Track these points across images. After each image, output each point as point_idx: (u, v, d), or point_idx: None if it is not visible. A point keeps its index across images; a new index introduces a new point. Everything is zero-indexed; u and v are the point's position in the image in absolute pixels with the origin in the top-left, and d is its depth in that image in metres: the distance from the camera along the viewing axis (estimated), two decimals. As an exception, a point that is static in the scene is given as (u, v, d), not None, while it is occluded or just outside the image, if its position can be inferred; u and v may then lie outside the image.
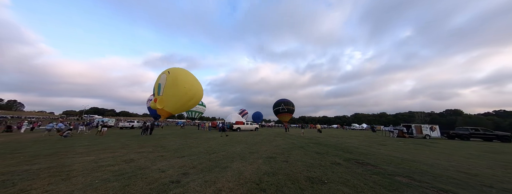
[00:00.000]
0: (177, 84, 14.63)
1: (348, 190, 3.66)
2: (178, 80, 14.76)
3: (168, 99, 14.36)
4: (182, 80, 14.99)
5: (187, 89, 14.91)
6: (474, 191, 3.92)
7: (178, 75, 15.02)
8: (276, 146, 10.16)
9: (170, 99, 14.46)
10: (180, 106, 15.65)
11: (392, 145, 12.08)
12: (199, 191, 3.51)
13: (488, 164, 6.89)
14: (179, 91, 14.72)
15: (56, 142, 11.07)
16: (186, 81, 15.15)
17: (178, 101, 14.95)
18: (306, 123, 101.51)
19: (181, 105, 15.54)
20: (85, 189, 3.54)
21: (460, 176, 5.02)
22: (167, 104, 14.36)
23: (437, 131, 21.92)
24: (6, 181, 3.94)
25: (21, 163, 5.53)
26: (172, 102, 14.67)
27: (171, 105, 14.66)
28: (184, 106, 16.24)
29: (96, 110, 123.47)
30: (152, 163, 5.71)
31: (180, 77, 14.98)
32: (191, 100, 16.09)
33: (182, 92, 14.77)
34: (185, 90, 14.81)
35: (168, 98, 14.40)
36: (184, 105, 15.85)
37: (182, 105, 15.70)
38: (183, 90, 14.74)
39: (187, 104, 16.20)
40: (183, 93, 14.89)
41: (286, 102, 47.54)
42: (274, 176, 4.51)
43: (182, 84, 14.75)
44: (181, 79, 14.93)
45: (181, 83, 14.74)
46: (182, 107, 16.01)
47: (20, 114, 79.23)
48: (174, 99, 14.67)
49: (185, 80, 15.25)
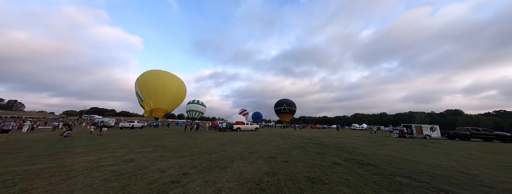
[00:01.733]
0: (149, 82, 14.97)
1: (348, 190, 3.65)
2: (147, 79, 15.15)
3: (152, 99, 14.67)
4: (151, 76, 15.35)
5: (161, 80, 15.30)
6: (475, 191, 3.92)
7: (146, 76, 15.54)
8: (276, 146, 10.15)
9: (153, 98, 14.79)
10: (169, 99, 15.87)
11: (392, 145, 12.07)
12: (199, 191, 3.51)
13: (488, 164, 6.88)
14: (155, 87, 15.08)
15: (56, 142, 11.07)
16: (154, 76, 15.48)
17: (162, 95, 15.21)
18: (306, 123, 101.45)
19: (170, 97, 15.79)
20: (85, 189, 3.54)
21: (461, 176, 5.01)
22: (155, 102, 14.62)
23: (437, 131, 21.89)
24: (7, 181, 3.94)
25: (21, 163, 5.53)
26: (157, 99, 14.97)
27: (159, 101, 14.92)
28: (174, 98, 16.47)
29: (96, 110, 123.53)
30: (152, 163, 5.71)
31: (149, 77, 15.41)
32: (175, 90, 16.36)
33: (158, 85, 15.08)
34: (159, 82, 15.17)
35: (151, 97, 14.72)
36: (173, 96, 16.14)
37: (171, 97, 15.97)
38: (156, 82, 15.11)
39: (177, 95, 16.41)
40: (161, 86, 15.20)
41: (288, 102, 46.75)
42: (274, 176, 4.51)
43: (152, 79, 15.11)
44: (150, 77, 15.29)
45: (152, 80, 15.08)
46: (172, 99, 16.24)
47: (20, 114, 79.27)
48: (156, 96, 15.00)
49: (153, 75, 15.58)
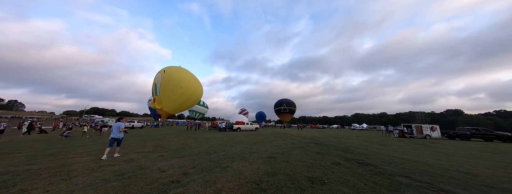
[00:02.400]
0: (173, 85, 14.23)
1: (348, 190, 3.65)
2: (174, 80, 14.33)
3: (165, 99, 14.10)
4: (178, 80, 14.52)
5: (184, 89, 14.55)
6: (475, 191, 3.92)
7: (173, 75, 14.59)
8: (276, 146, 10.14)
9: (167, 99, 14.18)
10: (178, 106, 15.33)
11: (393, 145, 12.06)
12: (199, 191, 3.51)
13: (488, 164, 6.88)
14: (175, 91, 14.33)
15: (56, 142, 11.07)
16: (182, 81, 14.70)
17: (176, 101, 14.58)
18: (306, 122, 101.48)
19: (179, 105, 15.21)
20: (86, 189, 3.54)
21: (461, 176, 5.01)
22: (166, 104, 14.14)
23: (437, 131, 21.89)
24: (7, 181, 3.94)
25: (21, 163, 5.53)
26: (170, 102, 14.36)
27: (169, 105, 14.39)
28: (182, 106, 15.88)
29: (96, 110, 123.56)
30: (152, 163, 5.71)
31: (176, 77, 14.55)
32: (189, 100, 15.64)
33: (179, 92, 14.38)
34: (181, 91, 14.44)
35: (166, 98, 14.12)
36: (182, 105, 15.45)
37: (181, 105, 15.36)
38: (180, 90, 14.38)
39: (185, 104, 15.82)
40: (180, 94, 14.47)
41: (288, 102, 46.48)
42: (274, 176, 4.51)
43: (179, 84, 14.37)
44: (176, 79, 14.49)
45: (177, 83, 14.34)
46: (180, 106, 15.66)
47: (20, 114, 79.31)
48: (171, 99, 14.32)
49: (181, 80, 14.74)
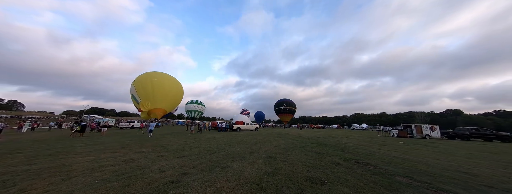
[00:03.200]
0: (146, 83, 14.83)
1: (348, 190, 3.66)
2: (146, 80, 15.02)
3: (148, 100, 14.46)
4: (148, 77, 15.25)
5: (158, 80, 15.21)
6: (475, 191, 3.92)
7: (141, 78, 15.47)
8: (276, 146, 10.15)
9: (149, 98, 14.59)
10: (168, 99, 15.67)
11: (392, 145, 12.07)
12: (199, 191, 3.51)
13: (488, 164, 6.88)
14: (154, 87, 14.89)
15: (56, 142, 11.08)
16: (152, 77, 15.41)
17: (157, 94, 14.98)
18: (306, 122, 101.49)
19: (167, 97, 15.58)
20: (85, 189, 3.55)
21: (461, 176, 5.02)
22: (152, 103, 14.39)
23: (437, 131, 21.89)
24: (7, 181, 3.94)
25: (21, 163, 5.54)
26: (156, 99, 14.79)
27: (158, 101, 14.72)
28: (172, 98, 16.26)
29: (96, 110, 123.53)
30: (152, 163, 5.71)
31: (147, 78, 15.34)
32: (172, 90, 16.23)
33: (155, 85, 14.92)
34: (156, 82, 15.01)
35: (147, 98, 14.52)
36: (171, 97, 15.95)
37: (169, 97, 15.79)
38: (155, 83, 14.95)
39: (170, 94, 16.16)
40: (158, 86, 15.03)
41: (288, 102, 46.34)
42: (274, 176, 4.51)
43: (150, 80, 15.03)
44: (146, 79, 15.16)
45: (149, 81, 14.94)
46: (170, 99, 16.03)
47: (20, 114, 79.20)
48: (152, 95, 14.80)
49: (150, 76, 15.50)
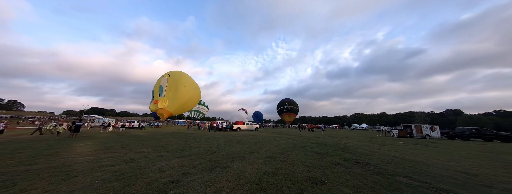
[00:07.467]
0: (177, 85, 15.60)
1: (348, 190, 3.65)
2: (178, 81, 15.76)
3: (169, 100, 15.17)
4: (182, 81, 16.14)
5: (187, 88, 16.05)
6: (474, 191, 3.92)
7: (178, 77, 16.27)
8: (276, 146, 10.15)
9: (171, 99, 15.33)
10: (180, 106, 16.40)
11: (392, 145, 12.07)
12: (199, 191, 3.51)
13: (488, 164, 6.88)
14: (179, 91, 15.74)
15: (56, 142, 11.08)
16: (185, 82, 16.30)
17: (179, 100, 15.84)
18: (306, 122, 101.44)
19: (181, 104, 16.37)
20: (85, 189, 3.54)
21: (460, 176, 5.02)
22: (169, 104, 15.02)
23: (437, 131, 21.89)
24: (7, 181, 3.94)
25: (21, 163, 5.53)
26: (173, 102, 15.47)
27: (173, 104, 15.35)
28: (184, 106, 17.22)
29: (96, 110, 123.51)
30: (152, 163, 5.70)
31: (180, 79, 16.17)
32: (190, 100, 17.15)
33: (183, 91, 15.76)
34: (185, 89, 15.83)
35: (170, 98, 15.25)
36: (184, 104, 16.79)
37: (183, 104, 16.66)
38: (184, 89, 15.72)
39: (187, 104, 17.40)
40: (184, 93, 15.89)
41: (290, 101, 46.22)
42: (274, 176, 4.51)
43: (183, 84, 15.85)
44: (181, 80, 15.96)
45: (181, 83, 15.72)
46: (183, 105, 16.94)
47: (20, 114, 79.24)
48: (175, 98, 15.57)
49: (184, 81, 16.46)
